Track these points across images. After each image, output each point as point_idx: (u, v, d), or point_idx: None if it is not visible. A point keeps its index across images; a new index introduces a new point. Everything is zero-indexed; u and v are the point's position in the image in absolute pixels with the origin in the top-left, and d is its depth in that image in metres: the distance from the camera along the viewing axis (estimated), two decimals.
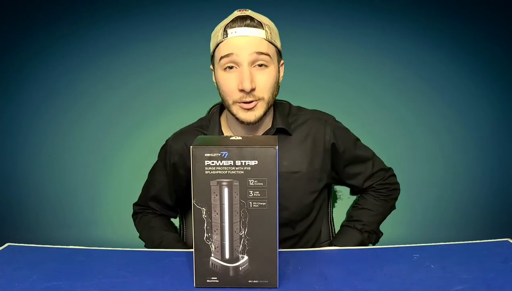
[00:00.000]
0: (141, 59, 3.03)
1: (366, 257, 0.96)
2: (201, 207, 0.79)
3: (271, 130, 1.13)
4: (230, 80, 1.05)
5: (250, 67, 1.03)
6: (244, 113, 1.06)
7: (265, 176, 0.79)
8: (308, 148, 1.16)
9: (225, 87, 1.06)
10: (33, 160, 3.07)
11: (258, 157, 0.78)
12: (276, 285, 0.82)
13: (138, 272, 0.87)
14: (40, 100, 3.05)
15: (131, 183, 3.03)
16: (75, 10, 2.99)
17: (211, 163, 0.78)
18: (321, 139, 1.17)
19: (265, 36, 1.05)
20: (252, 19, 1.05)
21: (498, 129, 3.13)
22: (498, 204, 3.12)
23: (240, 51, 1.03)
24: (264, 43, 1.04)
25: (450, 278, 0.84)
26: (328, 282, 0.83)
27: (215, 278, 0.82)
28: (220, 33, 1.07)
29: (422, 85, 3.08)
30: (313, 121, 1.18)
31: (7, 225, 2.98)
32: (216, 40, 1.08)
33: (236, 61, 1.04)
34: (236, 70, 1.04)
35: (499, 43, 3.07)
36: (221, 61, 1.06)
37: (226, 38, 1.05)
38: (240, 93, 1.04)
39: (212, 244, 0.80)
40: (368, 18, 3.01)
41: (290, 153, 1.15)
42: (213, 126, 1.18)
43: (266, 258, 0.81)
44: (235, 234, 0.80)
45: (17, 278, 0.84)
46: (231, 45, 1.04)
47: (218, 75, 1.09)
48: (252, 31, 1.04)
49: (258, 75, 1.04)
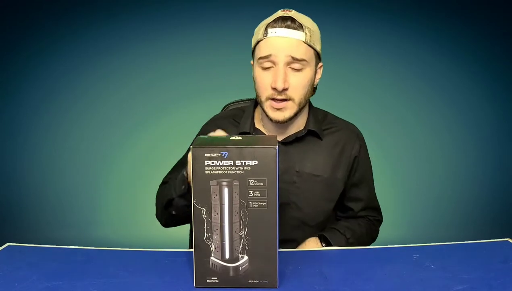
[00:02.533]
0: (141, 59, 3.03)
1: (366, 257, 0.96)
2: (201, 207, 0.79)
3: (303, 131, 1.16)
4: (265, 77, 1.08)
5: (285, 67, 1.06)
6: (273, 112, 1.09)
7: (265, 176, 0.79)
8: (334, 156, 1.18)
9: (260, 83, 1.09)
10: (33, 160, 3.07)
11: (258, 157, 0.78)
12: (276, 285, 0.82)
13: (138, 272, 0.87)
14: (40, 100, 3.05)
15: (131, 183, 3.06)
16: (75, 10, 2.99)
17: (211, 163, 0.77)
18: (349, 151, 1.20)
19: (304, 39, 1.06)
20: (293, 21, 1.07)
21: (498, 129, 3.13)
22: (498, 204, 3.12)
23: (277, 52, 1.05)
24: (302, 46, 1.06)
25: (450, 278, 0.84)
26: (328, 282, 0.83)
27: (215, 278, 0.82)
28: (261, 31, 1.09)
29: (422, 85, 3.08)
30: (346, 132, 1.21)
31: (7, 225, 2.98)
32: (257, 38, 1.10)
33: (273, 61, 1.06)
34: (272, 68, 1.07)
35: (499, 43, 3.07)
36: (260, 60, 1.09)
37: (266, 37, 1.07)
38: (272, 91, 1.07)
39: (212, 244, 0.80)
40: (368, 18, 3.01)
41: (316, 157, 1.17)
42: (246, 117, 1.20)
43: (266, 258, 0.81)
44: (235, 234, 0.80)
45: (17, 278, 0.84)
46: (269, 44, 1.07)
47: (255, 71, 1.12)
48: (292, 33, 1.06)
49: (292, 76, 1.07)
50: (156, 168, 3.21)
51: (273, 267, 0.82)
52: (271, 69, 1.07)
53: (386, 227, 1.36)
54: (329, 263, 0.92)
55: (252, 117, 1.20)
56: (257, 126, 1.19)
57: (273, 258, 0.81)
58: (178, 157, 1.27)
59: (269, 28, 1.07)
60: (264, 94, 1.09)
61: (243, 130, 1.17)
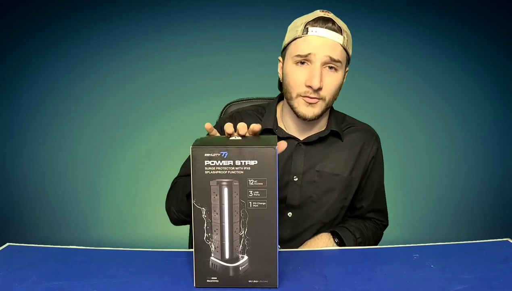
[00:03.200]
0: (141, 59, 3.03)
1: (366, 257, 0.96)
2: (201, 207, 0.79)
3: (325, 131, 1.17)
4: (299, 74, 1.08)
5: (321, 67, 1.07)
6: (304, 108, 1.10)
7: (264, 176, 0.79)
8: (353, 156, 1.20)
9: (293, 80, 1.10)
10: (33, 160, 3.08)
11: (258, 157, 0.78)
12: (276, 285, 0.82)
13: (138, 272, 0.87)
14: (40, 100, 3.05)
15: (131, 183, 3.06)
16: (75, 10, 2.99)
17: (211, 163, 0.77)
18: (367, 151, 1.22)
19: (342, 42, 1.09)
20: (333, 23, 1.08)
21: (498, 129, 3.13)
22: (498, 204, 3.12)
23: (317, 51, 1.06)
24: (339, 48, 1.09)
25: (450, 278, 0.84)
26: (328, 282, 0.83)
27: (215, 278, 0.81)
28: (300, 29, 1.09)
29: (422, 85, 3.08)
30: (365, 133, 1.24)
31: (7, 225, 2.98)
32: (295, 34, 1.10)
33: (310, 59, 1.07)
34: (307, 66, 1.08)
35: (499, 43, 3.07)
36: (296, 57, 1.09)
37: (306, 35, 1.08)
38: (306, 88, 1.07)
39: (212, 244, 0.80)
40: (368, 18, 3.01)
41: (336, 156, 1.18)
42: (269, 113, 1.21)
43: (266, 258, 0.81)
44: (235, 234, 0.80)
45: (17, 278, 0.84)
46: (309, 43, 1.07)
47: (287, 67, 1.12)
48: (332, 35, 1.07)
49: (326, 77, 1.08)
50: (156, 168, 3.23)
51: (273, 266, 0.82)
52: (306, 67, 1.08)
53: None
54: (329, 263, 0.92)
55: (275, 114, 1.21)
56: (279, 125, 1.20)
57: (273, 258, 0.81)
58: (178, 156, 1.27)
59: (310, 27, 1.08)
60: (296, 91, 1.09)
61: (266, 127, 1.18)
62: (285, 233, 1.18)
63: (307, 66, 1.08)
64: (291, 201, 1.16)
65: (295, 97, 1.10)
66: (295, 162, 1.16)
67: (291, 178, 1.16)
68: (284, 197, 1.16)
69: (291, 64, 1.10)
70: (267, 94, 1.43)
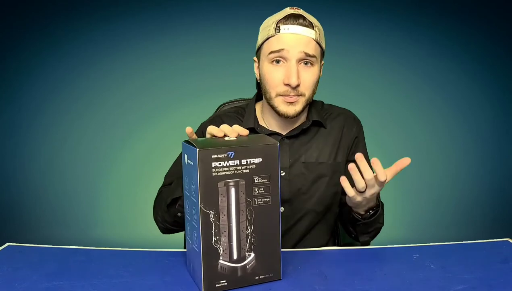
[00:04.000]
0: (141, 59, 3.03)
1: (366, 257, 0.96)
2: (209, 210, 0.77)
3: (307, 123, 1.18)
4: (276, 74, 1.09)
5: (297, 64, 1.07)
6: (285, 107, 1.10)
7: (268, 172, 0.80)
8: (336, 141, 1.21)
9: (271, 80, 1.10)
10: (33, 160, 3.08)
11: (262, 154, 0.79)
12: (279, 277, 0.83)
13: (138, 272, 0.87)
14: (40, 100, 3.05)
15: (131, 183, 3.06)
16: (75, 10, 2.99)
17: (218, 164, 0.76)
18: (349, 134, 1.23)
19: (314, 37, 1.08)
20: (304, 19, 1.08)
21: (498, 129, 3.13)
22: (498, 204, 3.12)
23: (290, 48, 1.06)
24: (313, 43, 1.08)
25: (450, 278, 0.84)
26: (328, 282, 0.83)
27: (223, 281, 0.80)
28: (272, 28, 1.09)
29: (422, 85, 3.08)
30: (345, 117, 1.25)
31: (7, 225, 2.98)
32: (267, 34, 1.10)
33: (285, 57, 1.07)
34: (283, 65, 1.08)
35: (500, 43, 3.07)
36: (270, 55, 1.09)
37: (278, 34, 1.08)
38: (285, 87, 1.08)
39: (220, 247, 0.79)
40: (368, 18, 3.01)
41: (320, 145, 1.19)
42: (249, 114, 1.21)
43: (271, 252, 0.82)
44: (242, 233, 0.80)
45: (17, 278, 0.84)
46: (282, 40, 1.07)
47: (264, 67, 1.12)
48: (304, 30, 1.07)
49: (303, 73, 1.08)
50: (156, 168, 3.21)
51: (277, 259, 0.83)
52: (282, 66, 1.08)
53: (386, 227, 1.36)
54: (329, 263, 0.92)
55: (255, 113, 1.21)
56: (260, 123, 1.20)
57: (277, 251, 0.82)
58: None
59: (281, 25, 1.08)
60: (275, 91, 1.09)
61: (247, 127, 1.18)
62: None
63: (283, 64, 1.08)
64: (282, 196, 1.16)
65: (275, 97, 1.10)
66: (281, 157, 1.16)
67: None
68: None
69: (267, 64, 1.10)
70: None
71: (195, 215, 0.79)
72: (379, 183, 0.96)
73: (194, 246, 0.81)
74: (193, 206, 0.79)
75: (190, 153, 0.78)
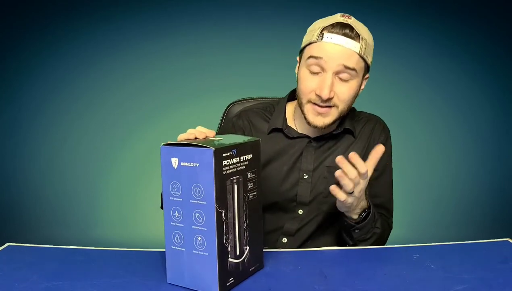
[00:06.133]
0: (141, 59, 3.03)
1: (366, 257, 0.96)
2: (222, 209, 0.76)
3: (338, 129, 1.16)
4: (311, 81, 1.06)
5: (333, 76, 1.04)
6: (314, 117, 1.08)
7: (256, 167, 0.83)
8: (363, 148, 1.18)
9: (304, 86, 1.07)
10: (33, 160, 3.08)
11: (252, 150, 0.81)
12: (263, 266, 0.87)
13: (138, 272, 0.87)
14: (40, 100, 3.05)
15: (131, 183, 3.06)
16: (75, 10, 2.99)
17: (227, 162, 0.77)
18: (376, 140, 1.20)
19: (358, 51, 1.04)
20: (352, 30, 1.04)
21: (498, 129, 3.13)
22: (498, 204, 3.12)
23: (329, 59, 1.03)
24: (355, 57, 1.04)
25: (450, 278, 0.84)
26: (328, 282, 0.83)
27: (231, 279, 0.79)
28: (316, 33, 1.06)
29: (422, 85, 3.08)
30: (373, 123, 1.23)
31: (7, 225, 2.98)
32: (310, 38, 1.07)
33: (323, 66, 1.04)
34: (320, 74, 1.05)
35: (500, 43, 3.07)
36: (308, 61, 1.06)
37: (321, 41, 1.04)
38: (316, 96, 1.05)
39: (229, 245, 0.78)
40: (368, 18, 2.99)
41: (345, 150, 1.17)
42: (278, 113, 1.19)
43: (258, 243, 0.85)
44: (241, 229, 0.81)
45: (17, 278, 0.84)
46: (323, 49, 1.04)
47: (301, 71, 1.09)
48: (348, 42, 1.03)
49: (338, 86, 1.05)
50: (156, 168, 3.21)
51: (261, 248, 0.86)
52: (319, 75, 1.05)
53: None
54: (329, 263, 0.92)
55: (285, 113, 1.19)
56: (289, 124, 1.18)
57: (261, 241, 0.86)
58: None
59: (326, 32, 1.04)
60: (306, 97, 1.07)
61: (275, 127, 1.16)
62: (293, 226, 1.17)
63: (320, 74, 1.05)
64: (302, 198, 1.16)
65: (305, 103, 1.08)
66: (305, 159, 1.15)
67: (301, 176, 1.15)
68: (295, 194, 1.16)
69: (305, 69, 1.07)
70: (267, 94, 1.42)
71: (199, 218, 0.77)
72: (361, 175, 0.96)
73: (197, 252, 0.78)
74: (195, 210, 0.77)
75: (190, 154, 0.76)
